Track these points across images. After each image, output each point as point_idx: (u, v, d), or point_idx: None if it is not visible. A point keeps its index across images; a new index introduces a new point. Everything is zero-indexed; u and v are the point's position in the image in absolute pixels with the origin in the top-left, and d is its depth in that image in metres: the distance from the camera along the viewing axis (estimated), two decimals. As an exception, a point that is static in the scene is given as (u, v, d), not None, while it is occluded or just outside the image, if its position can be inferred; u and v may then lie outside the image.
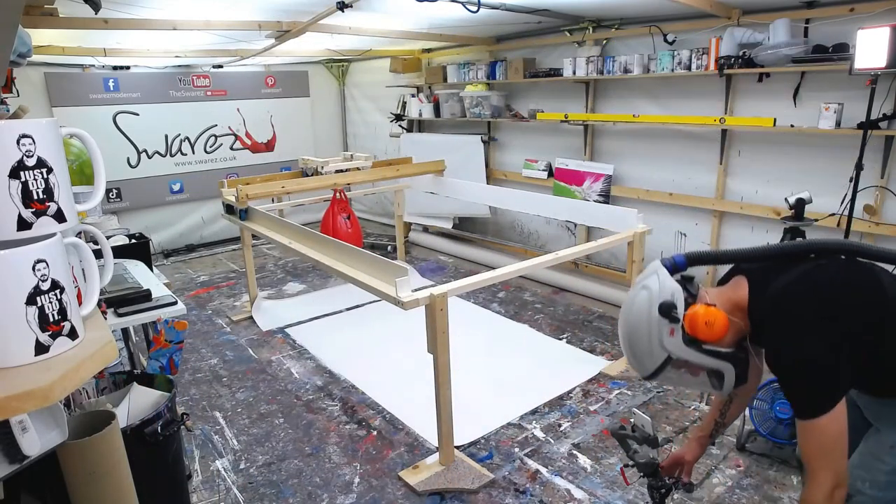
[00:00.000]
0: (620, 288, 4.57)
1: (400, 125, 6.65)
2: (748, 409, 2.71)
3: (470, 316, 4.64)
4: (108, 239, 1.59)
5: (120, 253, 3.30)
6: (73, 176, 1.25)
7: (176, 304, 2.61)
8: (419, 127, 6.61)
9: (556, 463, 2.82)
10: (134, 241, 3.56)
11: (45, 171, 0.97)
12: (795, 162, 3.76)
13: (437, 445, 2.85)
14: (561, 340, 4.16)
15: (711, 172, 4.20)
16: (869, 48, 2.78)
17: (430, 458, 2.85)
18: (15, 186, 0.93)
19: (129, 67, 6.06)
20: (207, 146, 6.77)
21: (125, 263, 3.10)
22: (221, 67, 6.59)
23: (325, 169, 4.61)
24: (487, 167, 5.89)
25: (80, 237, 1.17)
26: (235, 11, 3.83)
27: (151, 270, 3.24)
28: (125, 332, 3.03)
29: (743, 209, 4.04)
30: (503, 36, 5.46)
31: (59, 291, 0.96)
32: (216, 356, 4.10)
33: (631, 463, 1.74)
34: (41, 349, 0.95)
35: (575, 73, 4.72)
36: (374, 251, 4.40)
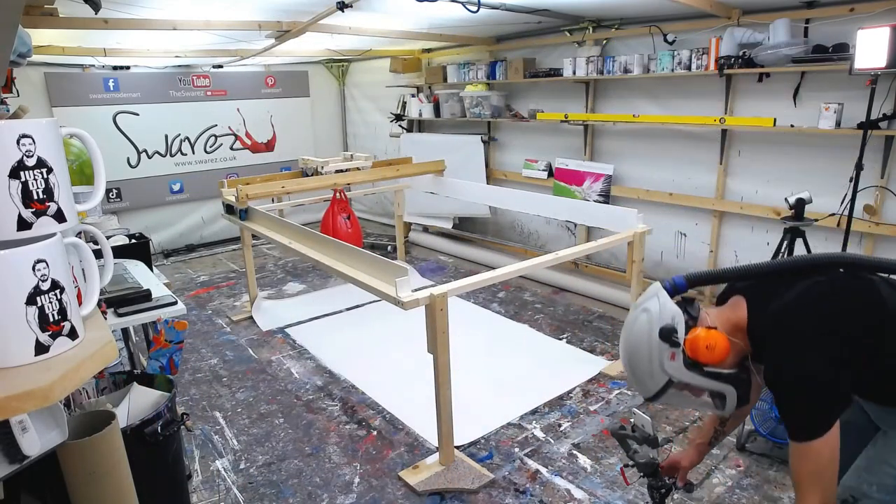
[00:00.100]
0: (620, 288, 4.57)
1: (400, 125, 6.65)
2: (748, 409, 2.71)
3: (470, 316, 4.64)
4: (108, 239, 1.59)
5: (120, 253, 3.29)
6: (73, 176, 1.25)
7: (176, 304, 2.61)
8: (419, 127, 6.61)
9: (556, 463, 2.82)
10: (134, 241, 3.56)
11: (45, 171, 0.97)
12: (795, 162, 3.76)
13: (437, 445, 2.85)
14: (561, 340, 4.16)
15: (711, 172, 4.20)
16: (869, 48, 2.77)
17: (430, 458, 2.85)
18: (15, 186, 0.93)
19: (129, 67, 6.06)
20: (207, 146, 6.77)
21: (125, 263, 3.10)
22: (221, 67, 6.59)
23: (325, 169, 4.60)
24: (487, 167, 5.89)
25: (80, 237, 1.17)
26: (235, 11, 3.83)
27: (151, 270, 3.24)
28: (125, 332, 3.03)
29: (743, 209, 4.04)
30: (503, 36, 5.46)
31: (59, 291, 0.96)
32: (216, 356, 4.10)
33: (631, 463, 1.74)
34: (41, 349, 0.95)
35: (575, 73, 4.72)
36: (374, 251, 4.40)
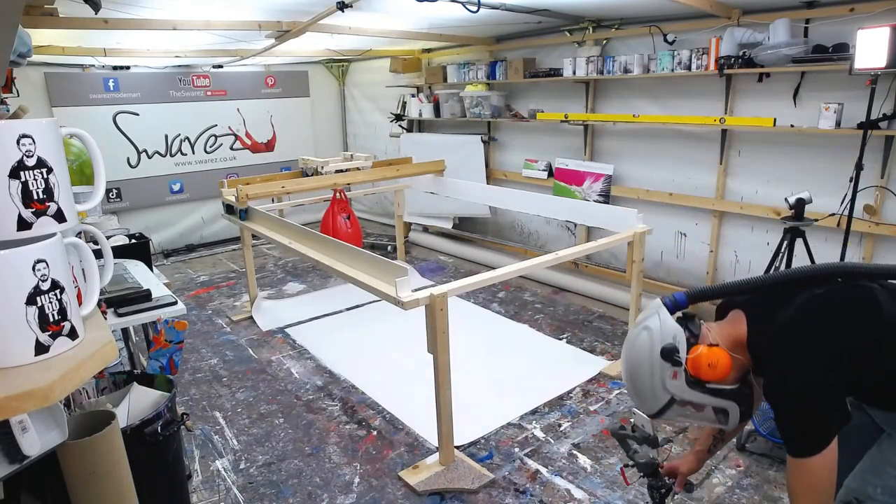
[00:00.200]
0: (620, 288, 4.57)
1: (400, 125, 6.65)
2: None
3: (470, 316, 4.64)
4: (108, 239, 1.59)
5: (120, 253, 3.29)
6: (73, 176, 1.25)
7: (176, 304, 2.60)
8: (419, 127, 6.61)
9: (556, 463, 2.82)
10: (134, 241, 3.56)
11: (45, 171, 0.97)
12: (795, 162, 3.76)
13: (437, 445, 2.85)
14: (561, 340, 4.16)
15: (711, 172, 4.20)
16: (869, 48, 2.77)
17: (430, 458, 2.85)
18: (15, 186, 0.93)
19: (129, 67, 6.06)
20: (207, 146, 6.77)
21: (125, 263, 3.10)
22: (221, 67, 6.59)
23: (325, 169, 4.60)
24: (487, 167, 5.89)
25: (80, 237, 1.17)
26: (235, 11, 3.83)
27: (151, 270, 3.23)
28: (125, 332, 3.03)
29: (743, 209, 4.04)
30: (503, 36, 5.46)
31: (59, 291, 0.96)
32: (216, 356, 4.10)
33: (631, 463, 1.74)
34: (41, 349, 0.95)
35: (575, 73, 4.72)
36: (374, 251, 4.40)
